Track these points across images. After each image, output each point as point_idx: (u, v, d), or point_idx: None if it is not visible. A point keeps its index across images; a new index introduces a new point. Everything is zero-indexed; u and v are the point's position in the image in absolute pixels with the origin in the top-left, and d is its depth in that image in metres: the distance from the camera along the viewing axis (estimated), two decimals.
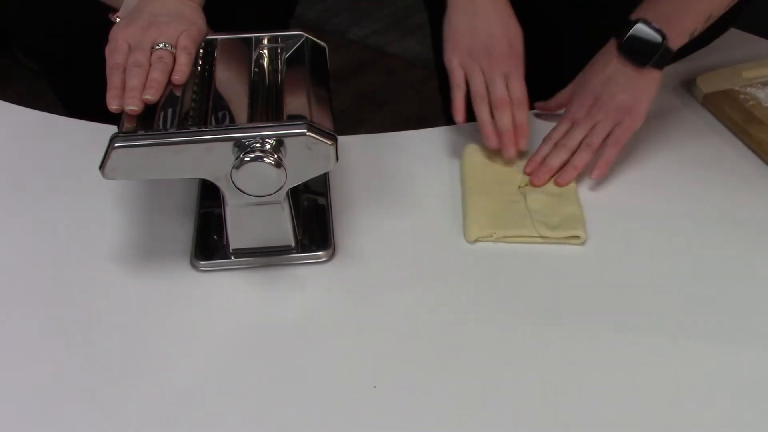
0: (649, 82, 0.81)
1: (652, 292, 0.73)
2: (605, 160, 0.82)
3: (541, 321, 0.70)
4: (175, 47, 0.73)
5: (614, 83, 0.82)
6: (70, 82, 1.07)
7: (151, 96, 0.69)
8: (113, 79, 0.70)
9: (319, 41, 0.81)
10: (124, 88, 0.69)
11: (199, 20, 0.77)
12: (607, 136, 0.83)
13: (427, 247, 0.78)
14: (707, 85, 0.92)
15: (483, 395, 0.65)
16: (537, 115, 0.92)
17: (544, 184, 0.83)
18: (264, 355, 0.68)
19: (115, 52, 0.72)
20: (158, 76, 0.70)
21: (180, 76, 0.71)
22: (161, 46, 0.72)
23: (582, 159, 0.83)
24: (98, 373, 0.67)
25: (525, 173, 0.84)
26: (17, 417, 0.64)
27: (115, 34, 0.74)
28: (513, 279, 0.75)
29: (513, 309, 0.72)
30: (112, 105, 0.69)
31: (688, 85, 0.94)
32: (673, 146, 0.88)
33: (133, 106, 0.68)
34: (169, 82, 0.71)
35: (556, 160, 0.83)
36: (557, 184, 0.82)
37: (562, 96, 0.89)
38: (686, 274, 0.74)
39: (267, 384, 0.66)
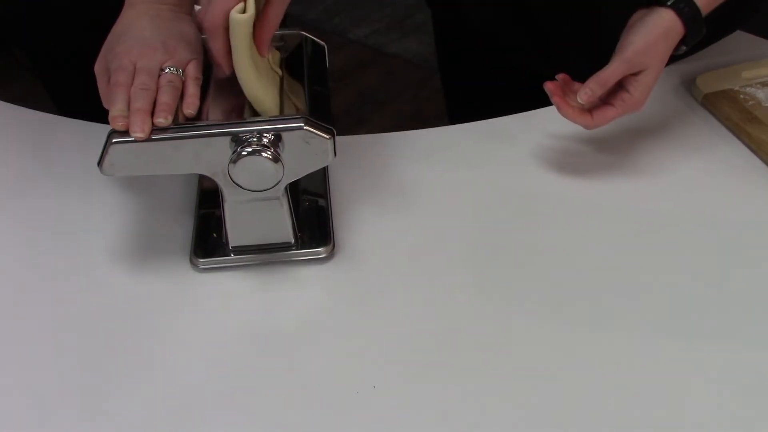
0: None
1: (649, 292, 0.73)
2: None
3: (543, 321, 0.70)
4: (184, 73, 0.70)
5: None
6: (64, 82, 1.06)
7: (164, 120, 0.65)
8: (117, 98, 0.66)
9: (318, 40, 0.81)
10: (128, 108, 0.66)
11: (199, 41, 0.74)
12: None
13: (427, 247, 0.77)
14: (707, 85, 0.92)
15: (484, 395, 0.65)
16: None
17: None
18: (263, 354, 0.68)
19: (120, 71, 0.68)
20: (168, 100, 0.67)
21: (193, 109, 0.68)
22: (170, 70, 0.69)
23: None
24: (97, 372, 0.67)
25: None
26: (16, 416, 0.64)
27: (119, 53, 0.70)
28: (514, 279, 0.74)
29: (514, 309, 0.72)
30: (118, 123, 0.65)
31: (688, 85, 0.94)
32: (673, 146, 0.88)
33: (139, 132, 0.64)
34: (178, 109, 0.68)
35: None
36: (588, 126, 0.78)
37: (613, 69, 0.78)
38: (684, 274, 0.74)
39: (266, 383, 0.66)
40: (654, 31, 0.75)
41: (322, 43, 0.81)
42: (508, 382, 0.66)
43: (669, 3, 0.75)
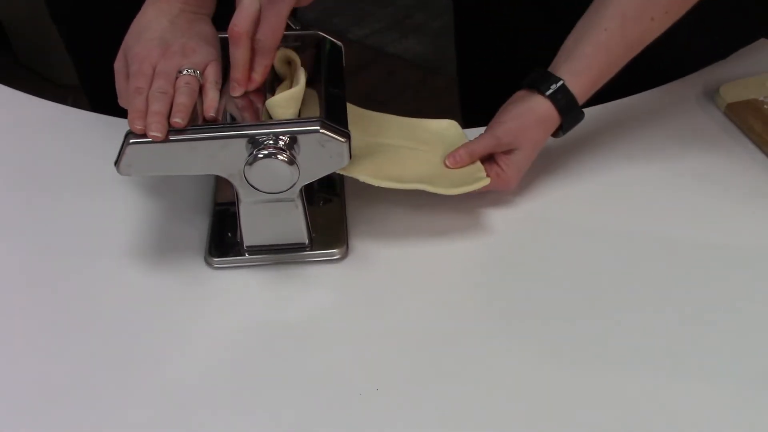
0: None
1: (668, 309, 0.71)
2: None
3: (551, 328, 0.70)
4: (202, 75, 0.70)
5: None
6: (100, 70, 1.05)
7: (181, 120, 0.66)
8: (136, 103, 0.67)
9: (335, 41, 0.81)
10: (146, 111, 0.66)
11: (218, 43, 0.74)
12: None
13: (440, 250, 0.77)
14: (730, 94, 0.90)
15: (488, 400, 0.64)
16: None
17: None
18: (272, 353, 0.68)
19: (139, 76, 0.69)
20: (185, 101, 0.67)
21: (213, 112, 0.68)
22: (188, 71, 0.69)
23: None
24: (110, 367, 0.67)
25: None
26: (26, 414, 0.64)
27: (138, 54, 0.70)
28: (524, 286, 0.74)
29: (524, 317, 0.71)
30: (137, 126, 0.65)
31: (711, 95, 0.93)
32: (694, 156, 0.86)
33: (156, 132, 0.65)
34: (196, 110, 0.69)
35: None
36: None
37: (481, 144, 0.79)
38: (705, 296, 0.72)
39: (271, 381, 0.66)
40: (528, 117, 0.77)
41: (339, 43, 0.81)
42: (512, 386, 0.65)
43: (547, 93, 0.76)
